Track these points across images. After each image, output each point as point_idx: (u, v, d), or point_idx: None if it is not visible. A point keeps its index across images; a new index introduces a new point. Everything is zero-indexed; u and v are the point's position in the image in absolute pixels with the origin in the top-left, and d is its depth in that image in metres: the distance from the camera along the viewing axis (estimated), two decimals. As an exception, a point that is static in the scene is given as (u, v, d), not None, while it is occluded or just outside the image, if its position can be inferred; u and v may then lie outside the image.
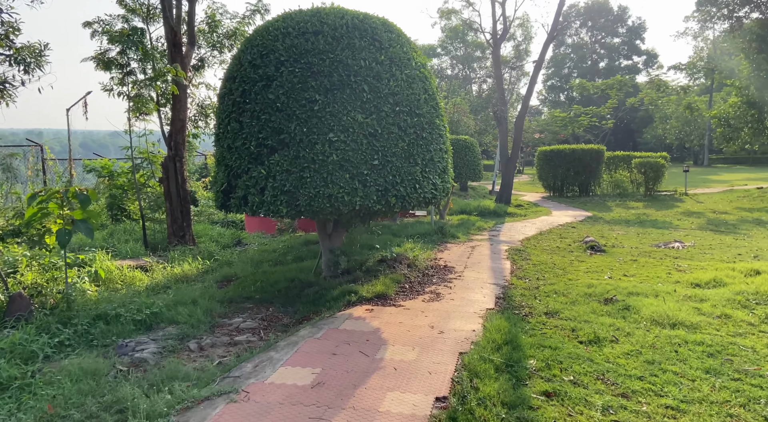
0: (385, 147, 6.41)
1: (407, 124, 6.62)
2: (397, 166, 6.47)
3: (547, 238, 12.39)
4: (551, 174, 24.25)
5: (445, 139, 7.31)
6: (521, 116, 19.69)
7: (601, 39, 75.19)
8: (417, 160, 6.67)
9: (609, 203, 21.48)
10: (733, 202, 20.83)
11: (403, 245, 9.89)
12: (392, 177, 6.45)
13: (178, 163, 10.84)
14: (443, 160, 7.18)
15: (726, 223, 15.32)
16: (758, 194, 21.60)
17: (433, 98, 7.07)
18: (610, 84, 28.43)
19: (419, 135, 6.74)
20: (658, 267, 8.84)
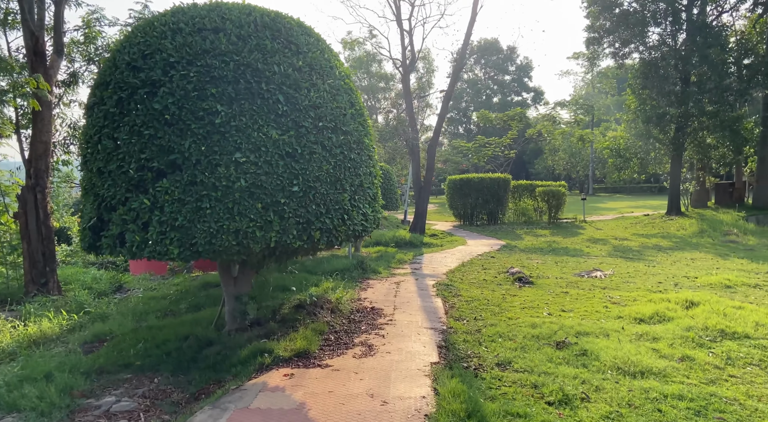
0: (306, 170, 5.25)
1: (332, 143, 5.53)
2: (321, 193, 5.33)
3: (471, 270, 11.76)
4: (461, 202, 24.28)
5: (374, 162, 6.31)
6: (433, 144, 19.43)
7: (494, 76, 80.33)
8: (345, 185, 5.58)
9: (518, 231, 21.75)
10: (628, 228, 22.02)
11: (321, 284, 8.64)
12: (316, 206, 5.29)
13: (39, 193, 8.81)
14: (373, 186, 6.16)
15: (631, 250, 15.82)
16: (648, 221, 23.08)
17: (360, 114, 6.07)
18: (511, 115, 29.70)
19: (347, 156, 5.68)
20: (592, 300, 8.41)
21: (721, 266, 12.08)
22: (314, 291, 7.91)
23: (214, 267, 11.01)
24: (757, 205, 23.35)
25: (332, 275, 9.83)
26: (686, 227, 20.07)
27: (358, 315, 7.27)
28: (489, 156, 30.40)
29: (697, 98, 21.05)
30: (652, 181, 62.41)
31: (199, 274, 10.87)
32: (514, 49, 78.75)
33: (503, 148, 30.65)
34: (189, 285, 9.62)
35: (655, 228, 20.96)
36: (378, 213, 6.29)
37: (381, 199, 6.51)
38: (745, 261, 12.76)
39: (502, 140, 29.99)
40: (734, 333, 5.96)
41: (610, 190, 62.90)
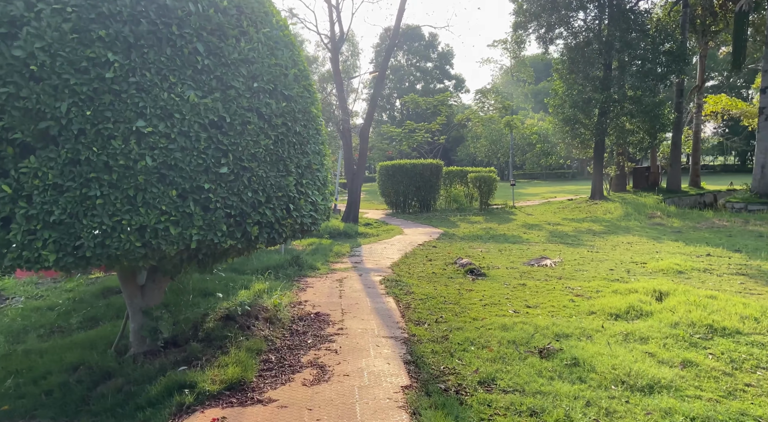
0: (238, 145, 3.98)
1: (272, 111, 4.27)
2: (260, 176, 4.09)
3: (416, 262, 10.86)
4: (393, 189, 23.44)
5: (323, 138, 5.11)
6: (366, 126, 18.32)
7: (416, 62, 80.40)
8: (290, 166, 4.36)
9: (452, 218, 21.28)
10: (557, 213, 22.27)
11: (253, 286, 7.31)
12: (253, 193, 4.03)
13: None
14: (323, 168, 4.97)
15: (567, 235, 15.72)
16: (574, 205, 23.52)
17: (305, 76, 4.83)
18: (440, 99, 29.21)
19: (290, 128, 4.45)
20: (554, 293, 7.77)
21: (660, 250, 12.07)
22: (245, 295, 6.59)
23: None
24: (670, 188, 24.52)
25: (264, 274, 8.49)
26: (612, 211, 20.54)
27: (301, 324, 6.07)
28: (419, 141, 29.80)
29: (621, 83, 21.52)
30: (565, 167, 65.54)
31: (100, 276, 9.10)
32: (435, 35, 79.16)
33: (432, 134, 30.15)
34: (85, 290, 7.89)
35: (583, 213, 21.31)
36: (329, 201, 5.12)
37: (332, 186, 5.33)
38: (680, 244, 12.90)
39: (431, 125, 29.45)
40: (724, 328, 5.44)
41: (527, 177, 65.18)
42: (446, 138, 30.36)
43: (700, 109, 26.10)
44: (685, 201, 22.71)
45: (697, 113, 26.05)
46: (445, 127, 32.39)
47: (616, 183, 25.73)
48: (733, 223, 15.96)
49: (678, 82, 23.93)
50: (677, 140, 24.51)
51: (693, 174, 26.26)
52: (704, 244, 12.62)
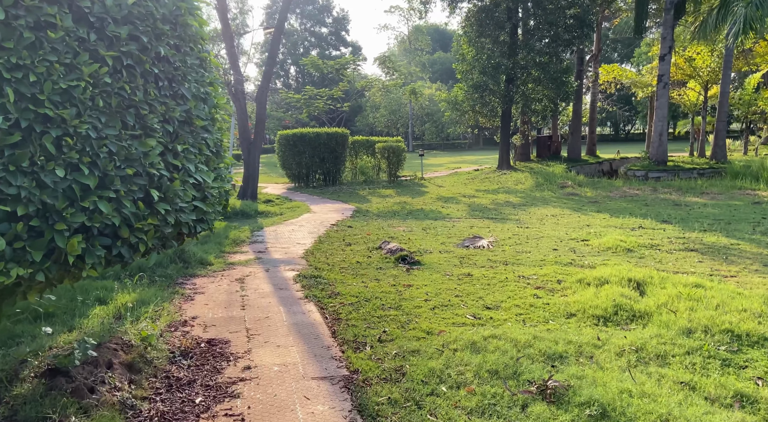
0: (28, 71, 1.86)
1: (107, 11, 2.17)
2: (82, 137, 2.01)
3: (334, 248, 9.07)
4: (295, 161, 21.20)
5: (212, 75, 3.07)
6: (263, 89, 15.86)
7: (310, 27, 76.60)
8: (150, 119, 2.32)
9: (361, 192, 19.65)
10: (468, 184, 21.55)
11: (113, 300, 5.10)
12: (67, 175, 1.96)
13: None
14: (213, 126, 2.98)
15: (487, 208, 14.79)
16: (483, 176, 22.99)
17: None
18: (343, 62, 27.06)
19: (148, 48, 2.38)
20: (509, 285, 6.45)
21: (590, 223, 11.41)
22: (98, 319, 4.41)
23: None
24: (571, 156, 24.89)
25: (134, 277, 6.22)
26: (523, 181, 20.17)
27: (185, 364, 4.06)
28: (320, 109, 27.54)
29: (528, 49, 20.95)
30: (461, 137, 66.71)
31: None
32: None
33: (333, 102, 28.02)
34: None
35: (494, 183, 20.76)
36: (227, 182, 3.16)
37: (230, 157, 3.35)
38: (605, 216, 12.40)
39: (332, 92, 27.28)
40: (747, 334, 4.36)
41: (426, 147, 65.36)
42: (349, 105, 28.37)
43: (597, 78, 26.76)
44: (586, 169, 23.09)
45: (594, 82, 26.68)
46: (346, 94, 30.37)
47: (521, 152, 25.67)
48: (643, 192, 16.06)
49: (578, 49, 24.02)
50: (578, 109, 24.81)
51: (590, 142, 27.03)
52: (628, 215, 12.22)
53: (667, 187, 16.39)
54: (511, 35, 21.74)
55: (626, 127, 75.06)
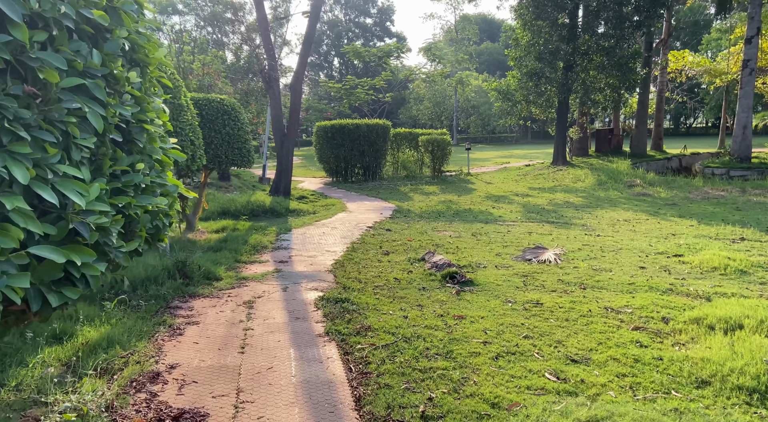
0: None
1: None
2: None
3: (368, 259, 7.65)
4: (333, 154, 19.95)
5: None
6: (299, 78, 14.61)
7: (354, 18, 75.45)
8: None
9: (402, 188, 18.19)
10: (519, 181, 19.71)
11: (74, 335, 3.86)
12: None
13: None
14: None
15: (544, 210, 13.03)
16: (536, 172, 21.05)
17: None
18: (386, 50, 25.53)
19: None
20: (594, 322, 4.87)
21: (675, 231, 9.54)
22: (35, 372, 3.16)
23: None
24: (635, 151, 22.58)
25: (106, 305, 4.99)
26: (582, 178, 18.17)
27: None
28: (362, 100, 26.19)
29: (592, 32, 18.84)
30: (508, 131, 64.01)
31: None
32: (374, -12, 74.26)
33: (375, 92, 26.60)
34: None
35: (549, 181, 18.84)
36: (159, 202, 1.79)
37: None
38: (692, 222, 10.47)
39: (375, 81, 25.86)
40: None
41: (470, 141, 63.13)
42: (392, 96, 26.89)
43: (666, 66, 24.20)
44: (653, 166, 20.78)
45: (662, 70, 24.12)
46: (389, 85, 28.91)
47: (577, 146, 23.51)
48: (730, 193, 13.87)
49: (647, 33, 21.63)
50: (644, 99, 22.44)
51: (656, 136, 24.50)
52: (720, 222, 10.24)
53: (759, 188, 14.12)
54: (571, 17, 19.66)
55: (687, 121, 70.27)
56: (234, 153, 9.46)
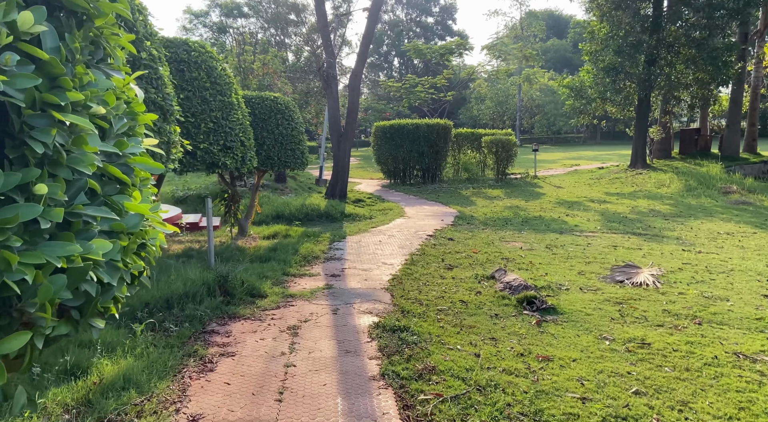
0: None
1: None
2: None
3: (430, 274, 6.78)
4: (392, 156, 19.19)
5: None
6: (357, 74, 13.96)
7: (416, 17, 74.56)
8: None
9: (463, 192, 17.16)
10: (593, 185, 18.15)
11: (89, 369, 3.25)
12: None
13: None
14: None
15: (628, 219, 11.63)
16: (612, 175, 19.35)
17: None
18: (449, 47, 24.43)
19: None
20: (729, 379, 3.80)
21: (796, 250, 8.03)
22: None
23: None
24: (726, 153, 20.33)
25: (142, 322, 4.42)
26: (666, 183, 16.42)
27: None
28: (422, 99, 25.30)
29: (680, 22, 17.00)
30: (574, 131, 60.91)
31: None
32: (437, -13, 73.07)
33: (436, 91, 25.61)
34: None
35: (627, 185, 17.19)
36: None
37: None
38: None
39: (435, 80, 24.89)
40: None
41: (534, 141, 60.61)
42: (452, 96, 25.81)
43: (762, 60, 21.69)
44: (748, 169, 18.56)
45: (757, 65, 21.64)
46: (450, 84, 27.84)
47: (658, 148, 21.49)
48: None
49: (743, 23, 19.37)
50: (738, 96, 20.16)
51: (749, 137, 22.00)
52: None
53: None
54: (655, 6, 17.88)
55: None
56: (287, 154, 8.86)
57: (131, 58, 4.39)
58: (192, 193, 12.91)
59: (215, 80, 6.95)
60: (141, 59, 4.48)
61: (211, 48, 7.32)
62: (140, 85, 4.46)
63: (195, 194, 12.86)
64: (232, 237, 8.99)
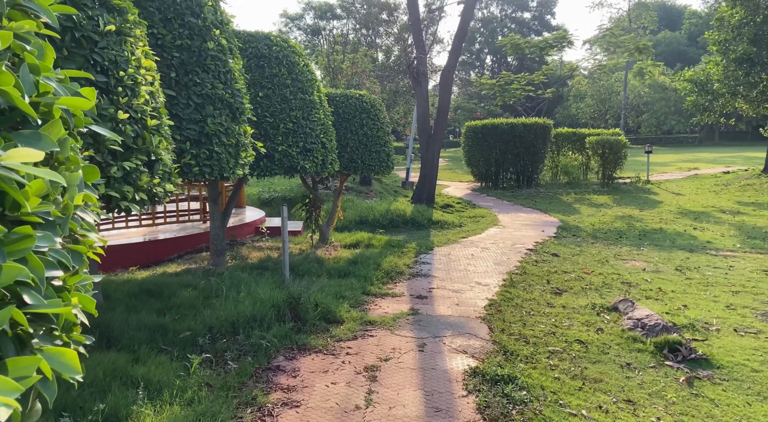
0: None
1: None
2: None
3: (534, 300, 5.71)
4: (483, 157, 18.00)
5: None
6: (450, 69, 13.00)
7: (511, 13, 71.82)
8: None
9: (564, 198, 15.60)
10: (720, 192, 15.76)
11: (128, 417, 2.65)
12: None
13: None
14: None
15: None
16: (742, 182, 16.75)
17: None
18: (551, 40, 22.62)
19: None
20: None
21: None
22: None
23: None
24: None
25: (200, 353, 3.83)
26: (816, 192, 13.79)
27: None
28: (517, 97, 23.72)
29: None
30: (687, 131, 55.27)
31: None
32: (536, -20, 69.84)
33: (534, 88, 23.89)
34: None
35: (765, 194, 14.69)
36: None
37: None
38: None
39: (533, 76, 23.21)
40: None
41: (642, 142, 55.75)
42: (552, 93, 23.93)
43: None
44: None
45: None
46: (549, 79, 25.93)
47: (798, 150, 18.34)
48: None
49: None
50: None
51: None
52: None
53: None
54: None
55: None
56: (371, 157, 8.14)
57: (195, 49, 3.84)
58: (277, 194, 12.68)
59: (297, 77, 6.37)
60: (207, 50, 3.91)
61: (294, 42, 6.76)
62: (206, 80, 3.91)
63: (280, 196, 12.61)
64: (312, 244, 8.45)
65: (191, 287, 5.24)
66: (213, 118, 3.89)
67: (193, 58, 3.76)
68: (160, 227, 8.69)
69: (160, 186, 3.03)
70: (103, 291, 4.82)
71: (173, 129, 3.64)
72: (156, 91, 3.02)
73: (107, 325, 4.01)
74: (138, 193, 2.70)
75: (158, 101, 3.03)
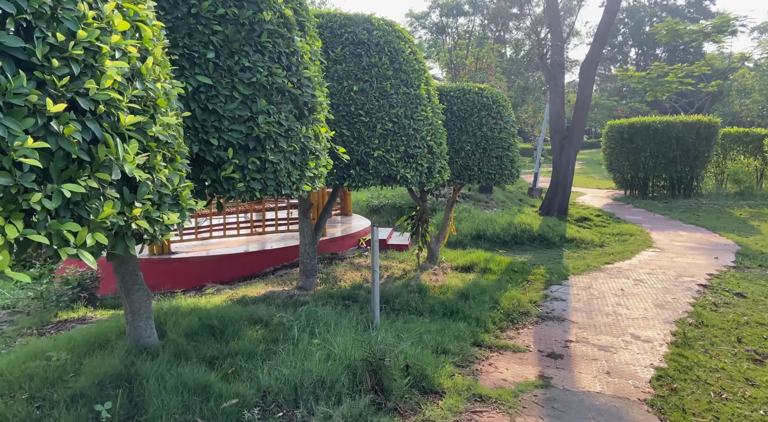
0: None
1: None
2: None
3: (724, 373, 3.91)
4: (629, 161, 15.42)
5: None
6: (592, 58, 10.99)
7: (661, 1, 64.21)
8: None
9: (735, 211, 12.63)
10: None
11: None
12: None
13: None
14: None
15: None
16: None
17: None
18: (718, 24, 18.81)
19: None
20: None
21: None
22: None
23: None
24: None
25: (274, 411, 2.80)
26: None
27: None
28: (673, 90, 20.30)
29: None
30: None
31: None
32: (694, -42, 61.66)
33: (694, 81, 20.25)
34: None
35: None
36: None
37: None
38: None
39: (692, 68, 19.65)
40: None
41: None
42: (717, 85, 20.06)
43: None
44: None
45: None
46: (710, 71, 21.96)
47: None
48: None
49: None
50: None
51: None
52: None
53: None
54: None
55: None
56: (491, 163, 6.70)
57: (245, 20, 2.83)
58: (387, 201, 11.70)
59: (400, 67, 5.21)
60: (262, 22, 2.88)
61: (400, 26, 5.60)
62: (259, 64, 2.89)
63: (389, 204, 11.60)
64: (418, 263, 7.25)
65: (260, 324, 4.31)
66: (267, 115, 2.88)
67: (241, 34, 2.76)
68: (256, 237, 8.12)
69: (152, 219, 2.02)
70: (161, 326, 4.07)
71: (210, 130, 2.69)
72: (152, 73, 2.06)
73: (141, 382, 3.17)
74: (94, 234, 1.70)
75: (156, 88, 2.05)
